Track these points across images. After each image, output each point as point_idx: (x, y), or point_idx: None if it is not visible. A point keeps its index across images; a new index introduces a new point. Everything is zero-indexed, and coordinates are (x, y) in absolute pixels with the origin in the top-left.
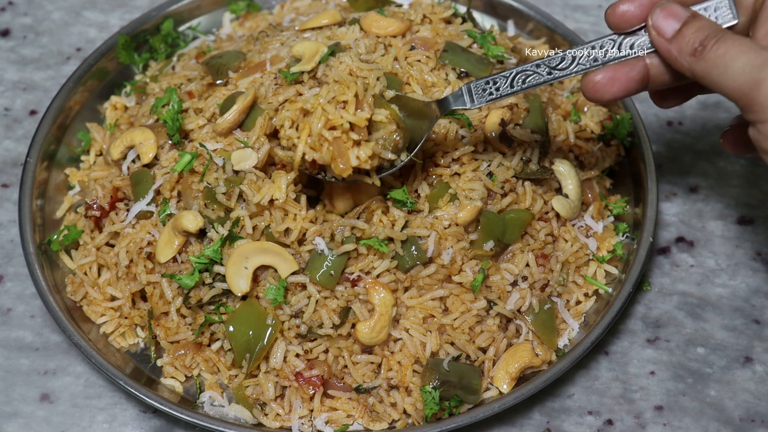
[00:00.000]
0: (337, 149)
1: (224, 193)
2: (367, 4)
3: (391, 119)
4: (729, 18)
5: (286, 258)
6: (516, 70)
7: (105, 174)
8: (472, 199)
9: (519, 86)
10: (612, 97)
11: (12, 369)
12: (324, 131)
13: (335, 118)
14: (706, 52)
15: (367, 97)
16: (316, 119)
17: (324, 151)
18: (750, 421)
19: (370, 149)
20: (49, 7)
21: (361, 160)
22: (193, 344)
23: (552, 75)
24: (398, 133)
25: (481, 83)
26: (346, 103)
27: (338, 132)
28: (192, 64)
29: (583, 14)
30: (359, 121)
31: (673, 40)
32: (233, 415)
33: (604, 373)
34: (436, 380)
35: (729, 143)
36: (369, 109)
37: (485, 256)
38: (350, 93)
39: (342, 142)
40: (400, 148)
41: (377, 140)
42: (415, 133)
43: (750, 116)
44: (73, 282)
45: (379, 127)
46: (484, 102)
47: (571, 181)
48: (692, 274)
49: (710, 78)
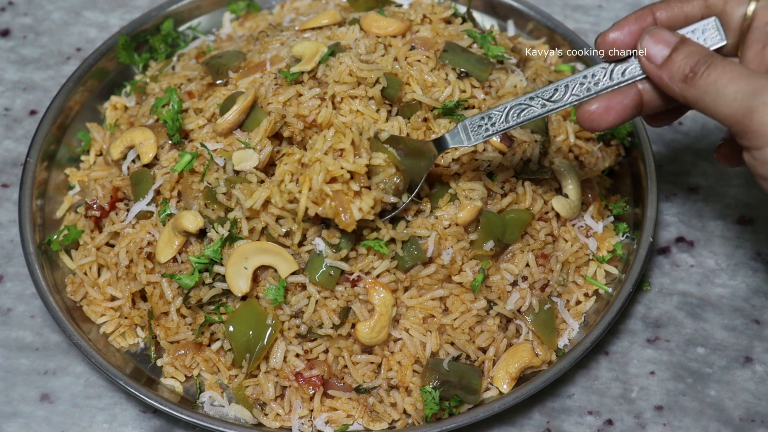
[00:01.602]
0: (340, 203)
1: (224, 193)
2: (367, 4)
3: (390, 162)
4: (717, 39)
5: (286, 258)
6: (510, 105)
7: (105, 174)
8: (472, 199)
9: (514, 120)
10: (608, 126)
11: (12, 369)
12: (324, 186)
13: (335, 169)
14: (697, 79)
15: (363, 141)
16: (316, 174)
17: (326, 207)
18: (750, 421)
19: (371, 199)
20: (49, 7)
21: (363, 212)
22: (193, 344)
23: (546, 108)
24: (398, 175)
25: (476, 120)
26: (344, 151)
27: (339, 184)
28: (192, 64)
29: (583, 14)
30: (359, 168)
31: (664, 66)
32: (233, 415)
33: (604, 373)
34: (436, 380)
35: (723, 157)
36: (367, 155)
37: (485, 256)
38: (347, 141)
39: (343, 194)
40: (401, 191)
41: (377, 185)
42: (414, 174)
43: (744, 142)
44: (73, 282)
45: (378, 171)
46: (480, 139)
47: (571, 181)
48: (692, 274)
49: (702, 104)
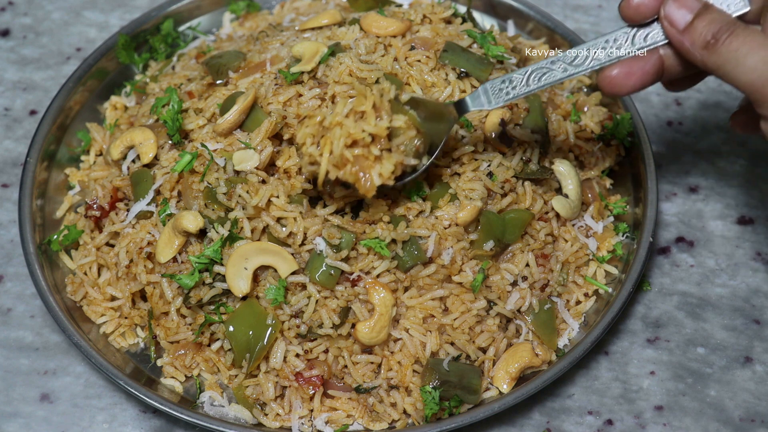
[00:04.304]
0: (361, 168)
1: (225, 193)
2: (367, 4)
3: (410, 124)
4: (740, 6)
5: (286, 258)
6: (531, 68)
7: (105, 174)
8: (472, 199)
9: (535, 84)
10: (629, 90)
11: (12, 369)
12: (345, 151)
13: (356, 132)
14: (718, 46)
15: (384, 104)
16: (337, 138)
17: (347, 172)
18: (750, 421)
19: (392, 164)
20: (49, 7)
21: (383, 177)
22: (193, 344)
23: (567, 72)
24: (418, 137)
25: (497, 83)
26: (364, 113)
27: (360, 148)
28: (192, 64)
29: (583, 14)
30: (380, 131)
31: (686, 32)
32: (233, 415)
33: (604, 373)
34: (436, 380)
35: (739, 125)
36: (388, 117)
37: (485, 256)
38: (368, 103)
39: (364, 158)
40: (422, 153)
41: (398, 147)
42: (434, 136)
43: (762, 111)
44: (73, 282)
45: (399, 134)
46: (501, 102)
47: (571, 181)
48: (692, 274)
49: (723, 71)
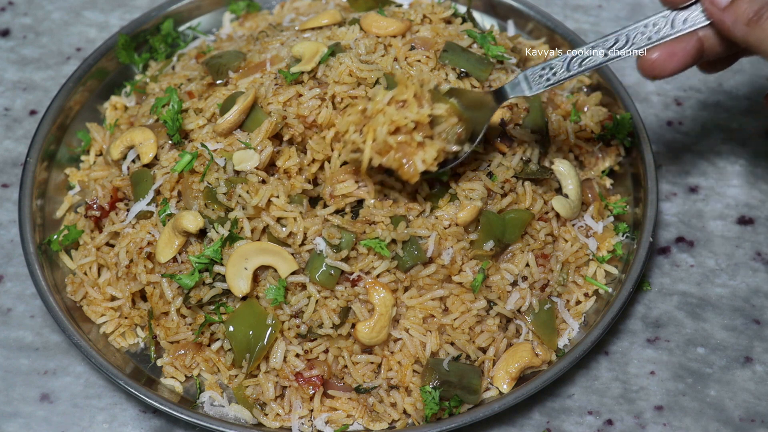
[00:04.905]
0: (404, 154)
1: (225, 193)
2: (367, 4)
3: (451, 112)
4: None
5: (286, 258)
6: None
7: (105, 174)
8: (472, 199)
9: (576, 69)
10: (670, 73)
11: (12, 369)
12: (388, 137)
13: (399, 119)
14: (762, 22)
15: (425, 93)
16: (380, 123)
17: (390, 159)
18: (750, 421)
19: (435, 150)
20: (49, 7)
21: (426, 163)
22: (193, 344)
23: (608, 57)
24: (460, 125)
25: (537, 70)
26: (406, 102)
27: (402, 135)
28: (192, 64)
29: (583, 14)
30: (422, 118)
31: (727, 10)
32: (233, 415)
33: (604, 373)
34: (436, 380)
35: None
36: (429, 105)
37: (485, 256)
38: (409, 92)
39: (407, 145)
40: (464, 140)
41: (440, 135)
42: (475, 124)
43: None
44: (73, 282)
45: (440, 121)
46: (542, 88)
47: (571, 181)
48: (692, 274)
49: (764, 48)
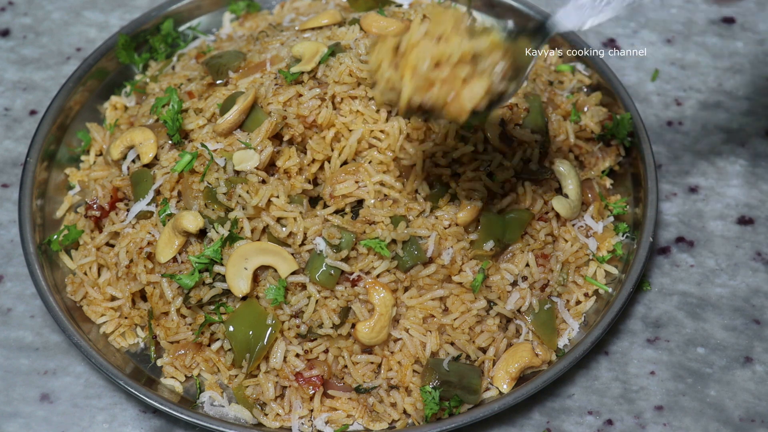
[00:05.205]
0: (450, 87)
1: (225, 193)
2: (367, 4)
3: (494, 46)
4: None
5: (286, 258)
6: None
7: (105, 174)
8: (472, 199)
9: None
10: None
11: (12, 369)
12: (431, 72)
13: (440, 51)
14: None
15: (460, 27)
16: (421, 57)
17: (434, 94)
18: (750, 421)
19: (484, 85)
20: (49, 7)
21: (475, 100)
22: (193, 344)
23: None
24: (506, 59)
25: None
26: (442, 35)
27: (445, 69)
28: (192, 64)
29: None
30: (465, 52)
31: None
32: (233, 415)
33: (604, 373)
34: (436, 380)
35: None
36: (468, 39)
37: (485, 256)
38: (447, 23)
39: (450, 82)
40: (510, 77)
41: (484, 71)
42: (519, 60)
43: None
44: (73, 282)
45: (482, 59)
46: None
47: (571, 181)
48: (692, 274)
49: None
